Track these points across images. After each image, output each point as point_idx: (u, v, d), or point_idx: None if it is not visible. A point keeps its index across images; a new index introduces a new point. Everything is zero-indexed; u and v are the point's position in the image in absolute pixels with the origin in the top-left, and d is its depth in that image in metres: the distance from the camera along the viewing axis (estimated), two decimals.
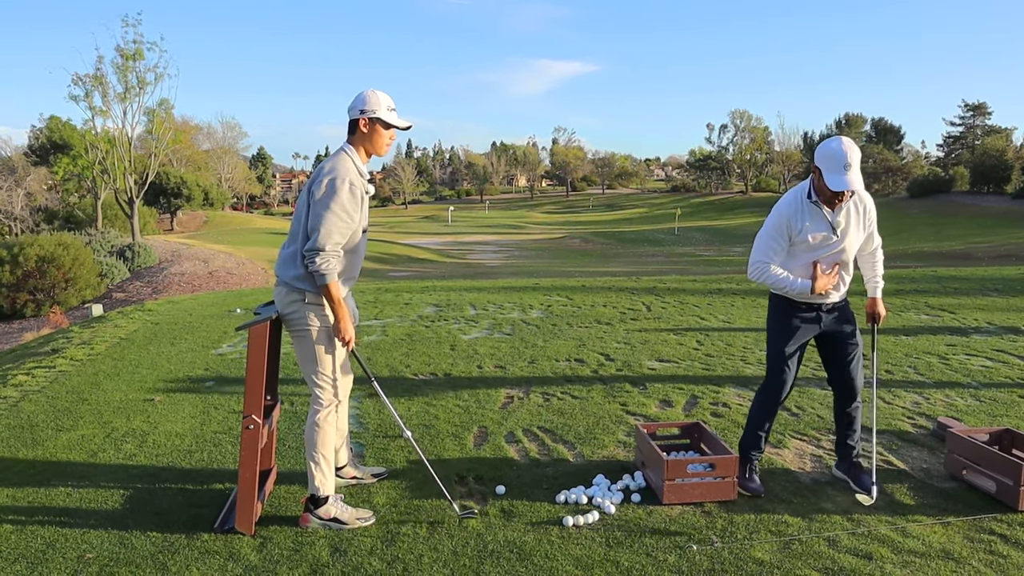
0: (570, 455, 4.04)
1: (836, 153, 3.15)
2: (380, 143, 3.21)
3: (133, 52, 33.16)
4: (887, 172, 70.78)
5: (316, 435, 3.21)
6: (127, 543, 3.08)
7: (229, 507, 3.34)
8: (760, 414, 3.60)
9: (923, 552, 2.95)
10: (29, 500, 3.53)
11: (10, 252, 23.23)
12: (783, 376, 3.51)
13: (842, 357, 3.50)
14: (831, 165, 3.17)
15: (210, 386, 5.53)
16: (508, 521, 3.25)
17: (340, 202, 3.03)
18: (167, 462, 3.99)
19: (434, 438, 4.30)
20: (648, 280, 11.85)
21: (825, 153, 3.19)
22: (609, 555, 2.95)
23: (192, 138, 62.71)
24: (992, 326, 7.33)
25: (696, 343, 6.73)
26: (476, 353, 6.44)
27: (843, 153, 3.14)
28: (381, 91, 3.19)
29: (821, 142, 3.32)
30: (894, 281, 10.69)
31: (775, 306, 3.55)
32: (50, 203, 49.48)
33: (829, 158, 3.17)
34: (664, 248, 47.38)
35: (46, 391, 5.49)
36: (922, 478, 3.69)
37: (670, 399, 5.02)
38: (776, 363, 3.52)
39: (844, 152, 3.14)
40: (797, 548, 2.99)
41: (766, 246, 3.38)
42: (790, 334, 3.47)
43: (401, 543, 3.06)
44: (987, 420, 4.52)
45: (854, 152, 3.16)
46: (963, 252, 34.26)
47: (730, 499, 3.42)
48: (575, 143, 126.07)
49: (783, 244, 3.36)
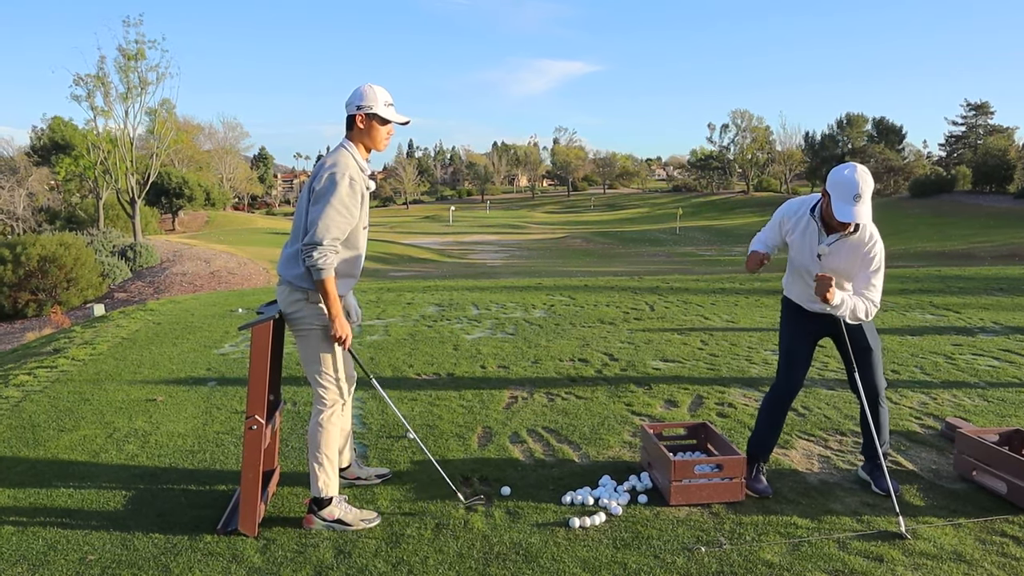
0: (575, 456, 4.00)
1: (848, 182, 3.06)
2: (378, 138, 3.17)
3: (135, 52, 33.20)
4: (889, 172, 70.66)
5: (320, 436, 3.18)
6: (129, 544, 3.05)
7: (232, 508, 3.31)
8: (769, 414, 3.58)
9: (934, 554, 2.91)
10: (31, 501, 3.50)
11: (12, 252, 23.23)
12: (791, 376, 3.51)
13: (854, 360, 3.44)
14: (841, 193, 3.09)
15: (212, 386, 5.50)
16: (514, 522, 3.22)
17: (340, 196, 2.99)
18: (169, 463, 3.97)
19: (438, 439, 4.27)
20: (651, 279, 11.81)
21: (837, 180, 3.10)
22: (616, 557, 2.92)
23: (194, 138, 62.73)
24: (998, 326, 7.29)
25: (700, 343, 6.69)
26: (479, 353, 6.41)
27: (855, 183, 3.05)
28: (378, 86, 3.15)
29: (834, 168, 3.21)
30: (898, 281, 10.65)
31: (786, 307, 3.57)
32: (52, 203, 49.55)
33: (840, 185, 3.09)
34: (666, 248, 47.34)
35: (48, 391, 5.46)
36: (931, 479, 3.66)
37: (675, 399, 4.99)
38: (780, 360, 3.57)
39: (856, 182, 3.05)
40: (806, 550, 2.96)
41: (764, 230, 3.56)
42: (799, 335, 3.51)
43: (406, 545, 3.03)
44: (995, 420, 4.48)
45: (867, 183, 3.06)
46: (966, 252, 34.20)
47: (738, 500, 3.38)
48: (576, 143, 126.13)
49: (777, 235, 3.49)
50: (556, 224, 72.77)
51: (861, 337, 3.44)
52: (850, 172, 3.10)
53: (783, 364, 3.54)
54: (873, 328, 3.51)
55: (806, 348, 3.51)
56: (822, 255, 3.29)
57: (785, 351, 3.54)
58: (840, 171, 3.14)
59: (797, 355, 3.50)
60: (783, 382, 3.53)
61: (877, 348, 3.48)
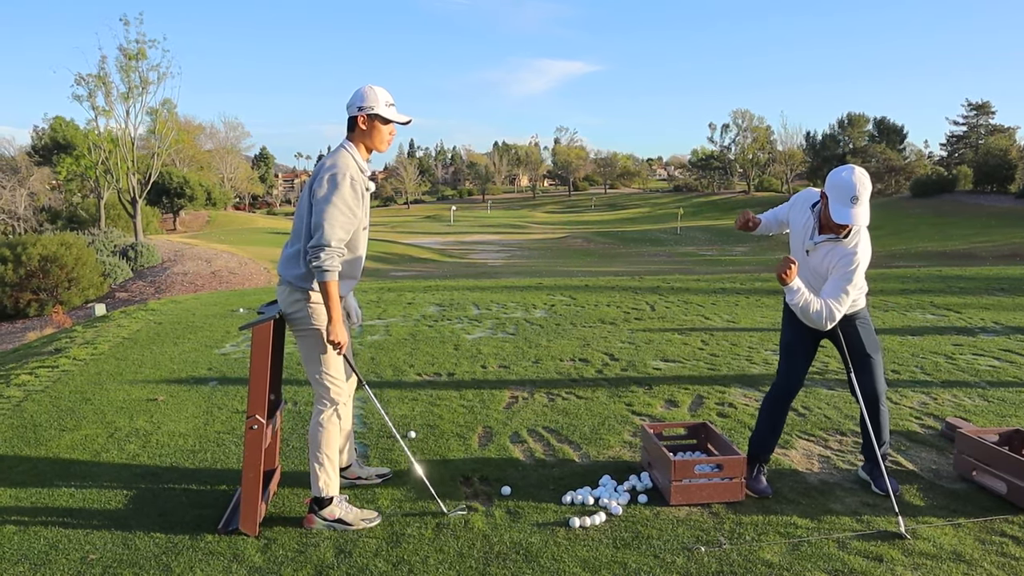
0: (575, 455, 4.01)
1: (846, 184, 3.08)
2: (380, 139, 3.18)
3: (136, 51, 33.22)
4: (890, 171, 70.62)
5: (320, 436, 3.19)
6: (130, 544, 3.06)
7: (233, 508, 3.32)
8: (770, 414, 3.60)
9: (934, 554, 2.92)
10: (32, 500, 3.51)
11: (13, 251, 23.26)
12: (791, 375, 3.53)
13: (853, 362, 3.45)
14: (838, 195, 3.11)
15: (213, 386, 5.51)
16: (514, 522, 3.22)
17: (342, 197, 3.00)
18: (170, 462, 3.97)
19: (439, 438, 4.27)
20: (651, 279, 11.82)
21: (835, 182, 3.13)
22: (616, 556, 2.92)
23: (195, 138, 62.80)
24: (999, 325, 7.29)
25: (701, 343, 6.70)
26: (480, 353, 6.41)
27: (853, 185, 3.06)
28: (379, 86, 3.16)
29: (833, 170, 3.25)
30: (899, 281, 10.66)
31: (787, 308, 3.57)
32: (53, 203, 49.60)
33: (838, 188, 3.11)
34: (666, 248, 47.34)
35: (49, 391, 5.48)
36: (931, 479, 3.66)
37: (675, 399, 4.99)
38: (780, 357, 3.61)
39: (854, 184, 3.06)
40: (806, 550, 2.96)
41: (777, 208, 3.72)
42: (798, 336, 3.53)
43: (406, 544, 3.03)
44: (996, 420, 4.48)
45: (865, 186, 3.07)
46: (967, 252, 34.18)
47: (738, 500, 3.39)
48: (577, 143, 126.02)
49: (784, 214, 3.64)
50: (557, 224, 72.78)
51: (860, 344, 3.44)
52: (848, 174, 3.11)
53: (784, 363, 3.56)
54: (873, 333, 3.50)
55: (807, 347, 3.52)
56: (809, 251, 3.34)
57: (785, 350, 3.57)
58: (838, 173, 3.16)
59: (798, 354, 3.52)
60: (783, 381, 3.55)
61: (877, 355, 3.46)
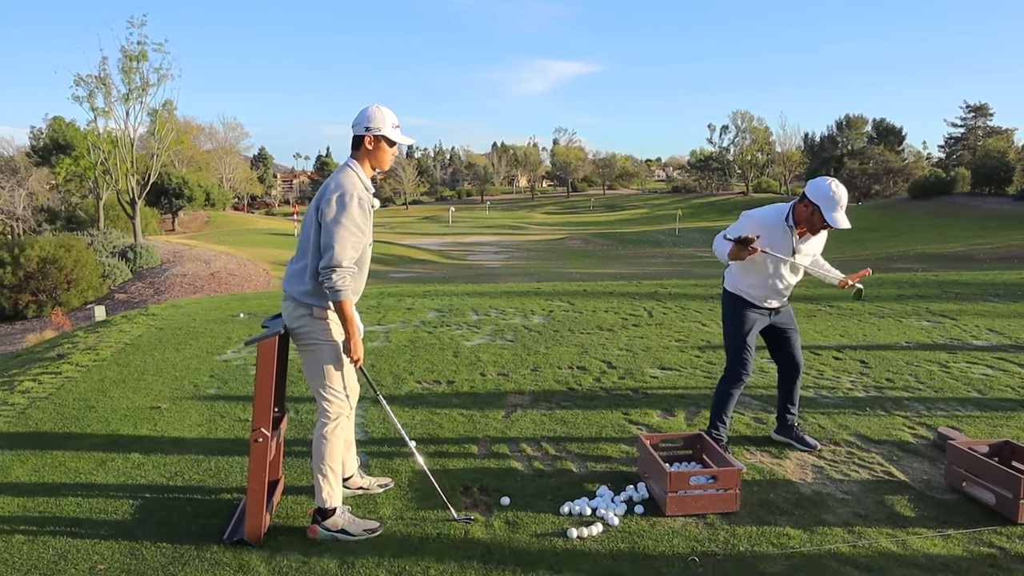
0: (573, 465, 4.07)
1: (836, 195, 3.71)
2: (384, 159, 3.26)
3: (137, 53, 33.25)
4: (888, 173, 70.79)
5: (323, 448, 3.25)
6: (137, 554, 3.12)
7: (237, 518, 3.38)
8: (724, 401, 4.14)
9: (925, 565, 2.99)
10: (40, 510, 3.57)
11: (12, 253, 23.29)
12: (744, 361, 4.08)
13: (788, 343, 4.20)
14: (830, 205, 3.71)
15: (216, 393, 5.57)
16: (513, 532, 3.29)
17: (351, 217, 3.07)
18: (175, 471, 4.03)
19: (438, 448, 4.34)
20: (649, 284, 11.89)
21: (824, 195, 3.72)
22: (613, 567, 2.99)
23: (194, 138, 62.78)
24: (993, 333, 7.36)
25: (698, 351, 6.76)
26: (479, 360, 6.48)
27: (840, 195, 3.72)
28: (385, 107, 3.24)
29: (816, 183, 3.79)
30: (896, 287, 10.73)
31: (732, 304, 4.13)
32: (52, 203, 49.58)
33: (828, 199, 3.71)
34: (665, 249, 47.43)
35: (53, 398, 5.53)
36: (922, 489, 3.73)
37: (672, 408, 5.06)
38: (737, 351, 4.10)
39: (842, 195, 3.73)
40: (799, 560, 3.03)
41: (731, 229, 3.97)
42: (748, 326, 4.08)
43: (408, 554, 3.10)
44: (988, 429, 4.55)
45: (845, 193, 3.77)
46: (965, 254, 34.28)
47: (732, 511, 3.46)
48: (576, 143, 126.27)
49: None
50: (556, 225, 72.84)
51: (790, 321, 4.21)
52: (833, 186, 3.72)
53: (735, 352, 4.09)
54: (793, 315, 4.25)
55: (753, 337, 4.11)
56: (797, 252, 3.94)
57: (736, 341, 4.10)
58: (825, 187, 3.73)
59: (747, 342, 4.07)
60: (737, 367, 4.08)
61: (799, 334, 4.29)
